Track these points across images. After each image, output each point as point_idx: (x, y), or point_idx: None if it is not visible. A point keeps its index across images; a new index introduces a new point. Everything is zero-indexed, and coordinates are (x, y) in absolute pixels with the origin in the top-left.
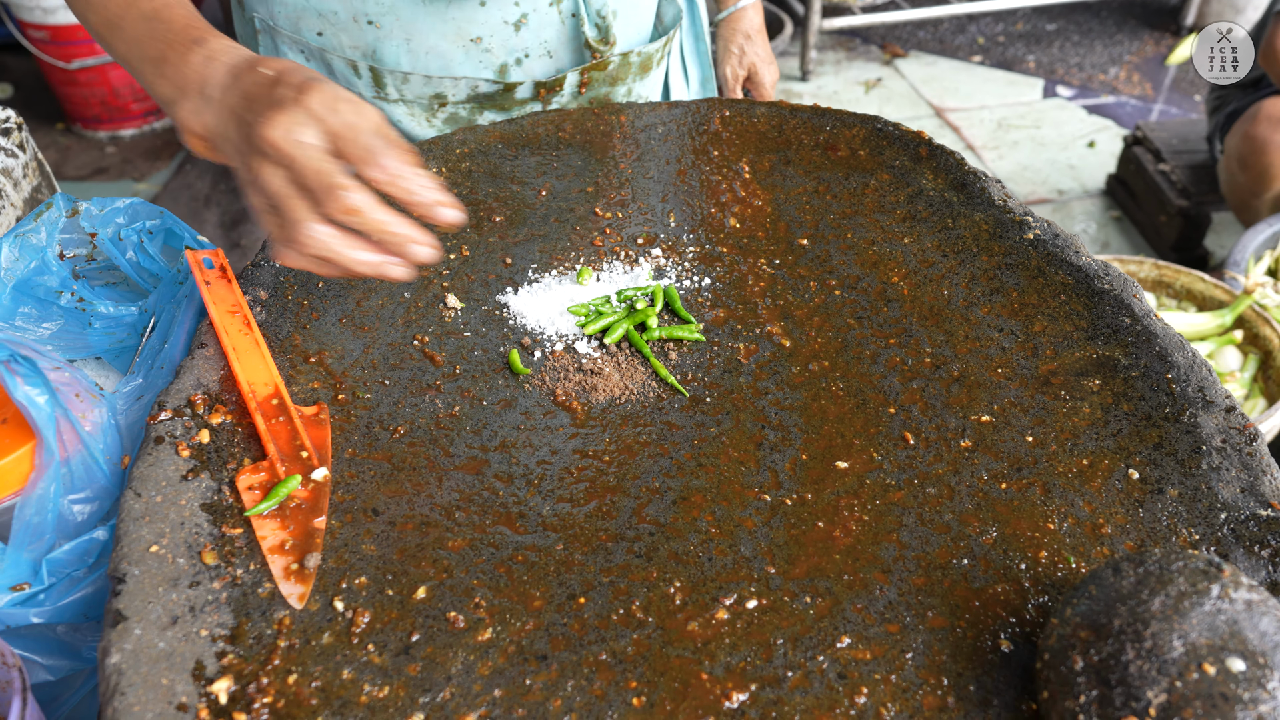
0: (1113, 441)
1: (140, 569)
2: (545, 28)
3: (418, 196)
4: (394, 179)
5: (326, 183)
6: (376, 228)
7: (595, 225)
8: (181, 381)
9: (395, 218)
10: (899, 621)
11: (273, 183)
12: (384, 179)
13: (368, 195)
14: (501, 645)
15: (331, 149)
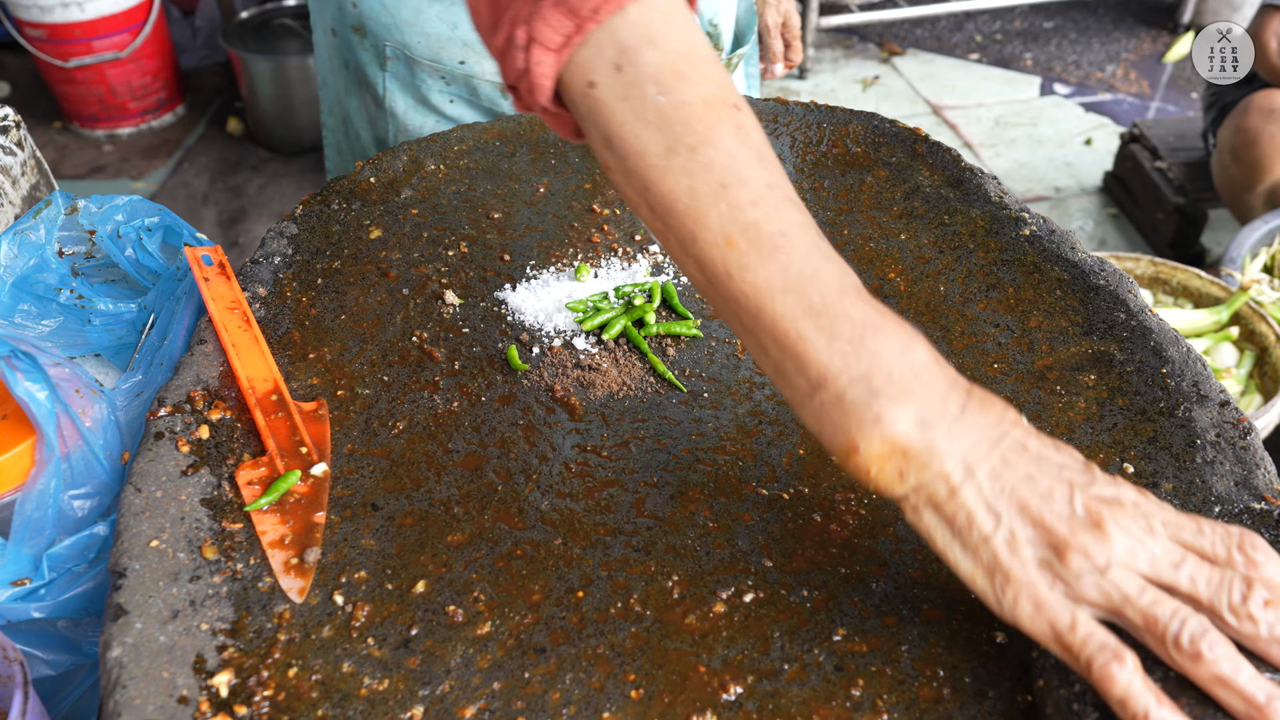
0: (1108, 436)
1: (141, 564)
2: None
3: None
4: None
5: (1183, 633)
6: (1243, 696)
7: (593, 222)
8: (181, 378)
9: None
10: (895, 614)
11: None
12: (1252, 634)
13: (1232, 651)
14: (500, 639)
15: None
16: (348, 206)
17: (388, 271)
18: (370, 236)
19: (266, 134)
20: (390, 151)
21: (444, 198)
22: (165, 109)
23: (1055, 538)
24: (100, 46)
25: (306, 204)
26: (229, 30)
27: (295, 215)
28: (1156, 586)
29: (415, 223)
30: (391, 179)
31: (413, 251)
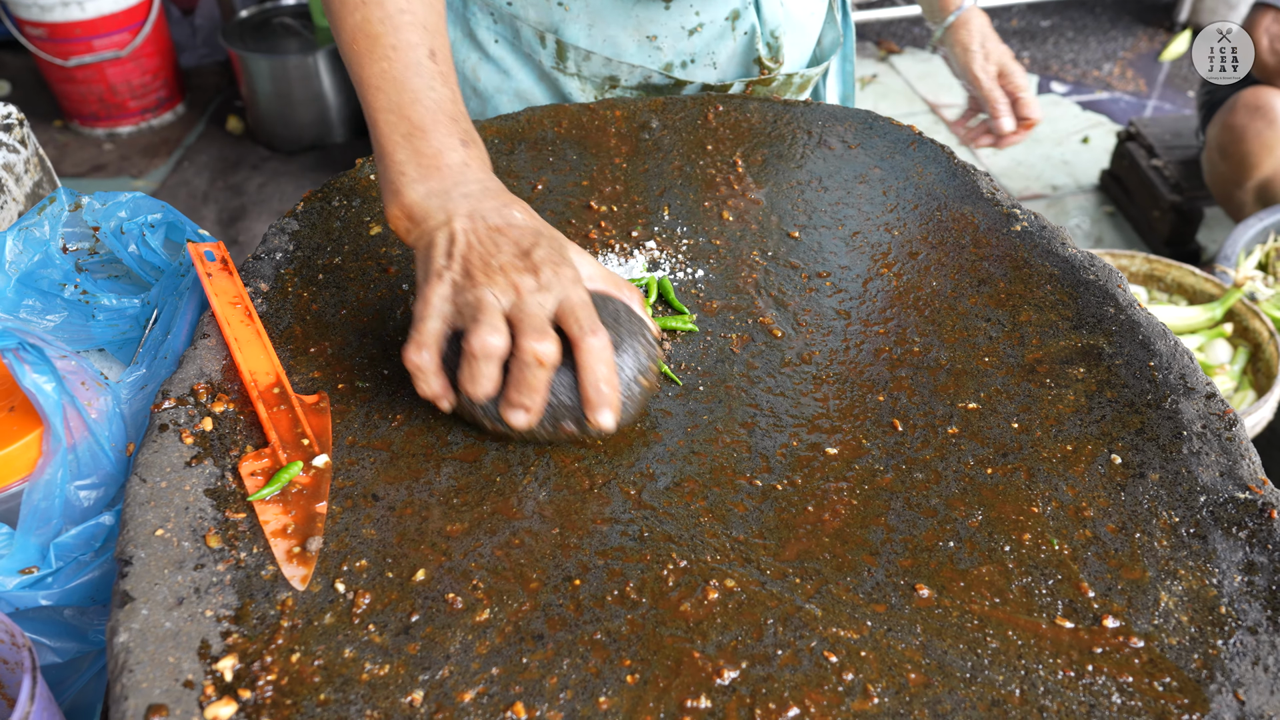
0: (1096, 427)
1: (146, 552)
2: (717, 39)
3: (593, 388)
4: (588, 354)
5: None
6: (524, 380)
7: (590, 219)
8: (185, 371)
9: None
10: (885, 602)
11: (442, 308)
12: (583, 348)
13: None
14: (499, 625)
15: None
16: (348, 203)
17: (388, 267)
18: (370, 233)
19: (266, 132)
20: None
21: None
22: (165, 108)
23: (470, 277)
24: (100, 45)
25: (308, 201)
26: (229, 29)
27: (296, 212)
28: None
29: None
30: None
31: None
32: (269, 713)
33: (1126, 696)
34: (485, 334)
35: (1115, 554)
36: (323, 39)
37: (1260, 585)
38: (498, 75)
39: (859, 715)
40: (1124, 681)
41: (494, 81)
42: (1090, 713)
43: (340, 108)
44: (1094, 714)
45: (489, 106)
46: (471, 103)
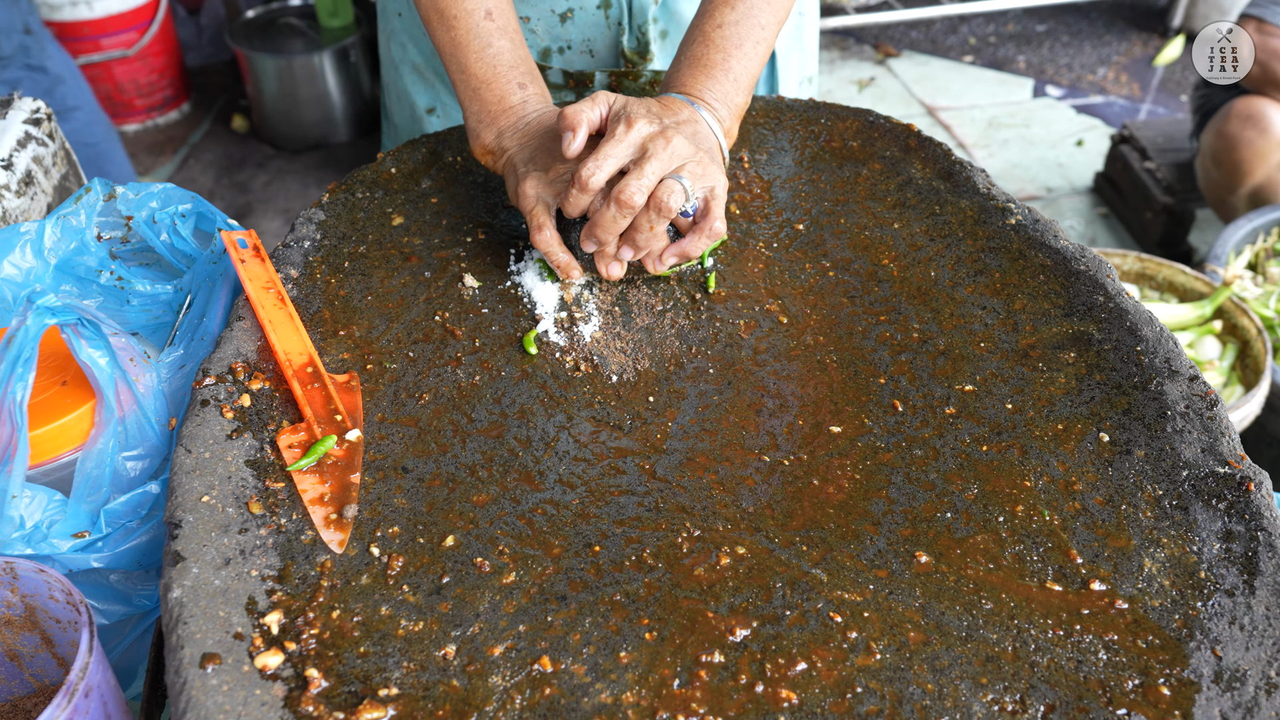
0: (1085, 408)
1: (194, 516)
2: (590, 27)
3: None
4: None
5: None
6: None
7: None
8: (222, 351)
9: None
10: (887, 568)
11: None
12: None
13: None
14: (524, 587)
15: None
16: (371, 195)
17: (410, 256)
18: (393, 223)
19: (271, 131)
20: (410, 144)
21: (461, 187)
22: (171, 106)
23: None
24: (108, 44)
25: (332, 192)
26: (235, 29)
27: (322, 203)
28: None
29: (435, 210)
30: (411, 169)
31: (433, 237)
32: (313, 663)
33: (1112, 653)
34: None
35: (1103, 524)
36: (328, 39)
37: (1237, 552)
38: (399, 47)
39: (863, 670)
40: (1109, 640)
41: (398, 53)
42: (1078, 668)
43: (344, 107)
44: (1082, 669)
45: (398, 75)
46: (390, 70)
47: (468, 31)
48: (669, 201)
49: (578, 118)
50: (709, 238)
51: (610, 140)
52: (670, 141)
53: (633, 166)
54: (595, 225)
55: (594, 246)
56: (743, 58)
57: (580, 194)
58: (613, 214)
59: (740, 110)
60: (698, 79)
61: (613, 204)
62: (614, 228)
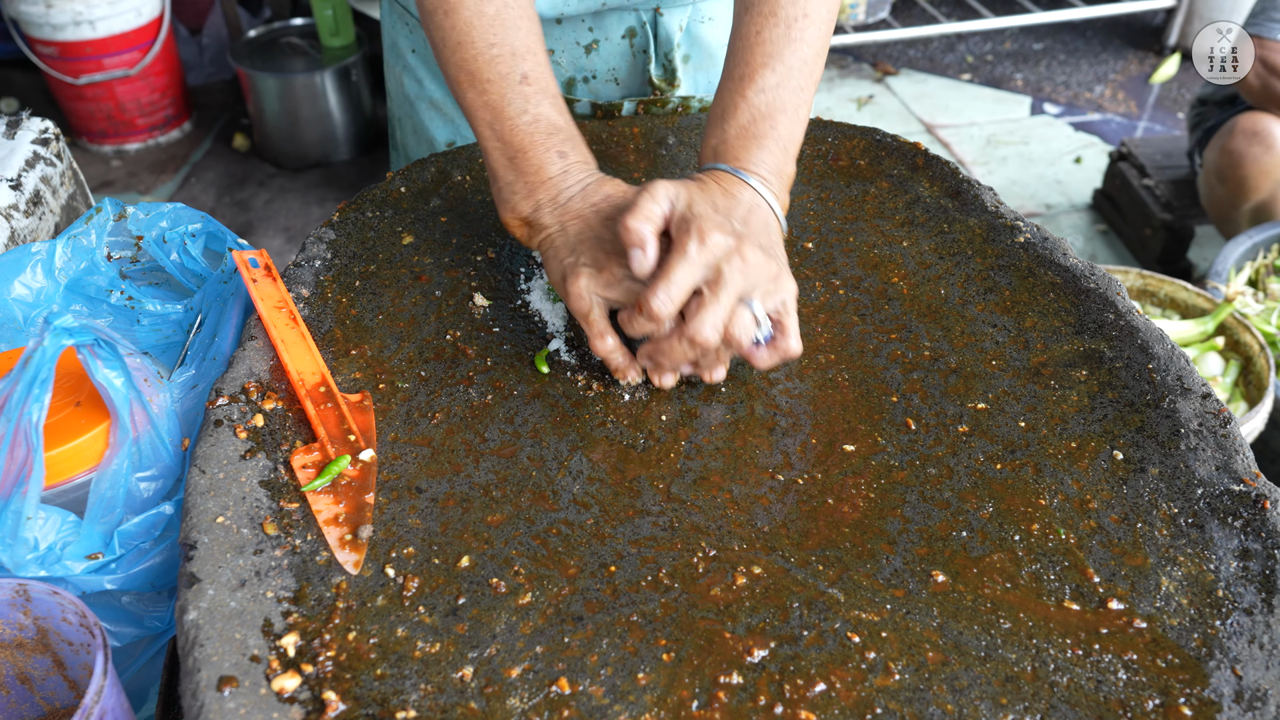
0: (1099, 426)
1: (209, 537)
2: (615, 57)
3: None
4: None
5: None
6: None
7: None
8: (235, 371)
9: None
10: (904, 587)
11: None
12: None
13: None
14: (541, 608)
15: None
16: (381, 214)
17: (420, 275)
18: (403, 242)
19: (272, 150)
20: (419, 163)
21: (470, 206)
22: (172, 125)
23: (599, 263)
24: (110, 64)
25: (342, 211)
26: (237, 48)
27: (333, 222)
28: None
29: (445, 229)
30: (421, 188)
31: (444, 256)
32: (330, 685)
33: (1132, 673)
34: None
35: (1119, 542)
36: (329, 58)
37: (1255, 570)
38: (414, 83)
39: (881, 691)
40: (1129, 659)
41: (413, 89)
42: (1098, 688)
43: (345, 126)
44: (1102, 689)
45: (414, 110)
46: (403, 105)
47: (501, 97)
48: (741, 338)
49: (642, 230)
50: (781, 358)
51: (682, 260)
52: (746, 260)
53: (706, 292)
54: (659, 352)
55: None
56: (789, 123)
57: (648, 322)
58: (683, 348)
59: (791, 181)
60: (750, 150)
61: (684, 340)
62: (681, 358)
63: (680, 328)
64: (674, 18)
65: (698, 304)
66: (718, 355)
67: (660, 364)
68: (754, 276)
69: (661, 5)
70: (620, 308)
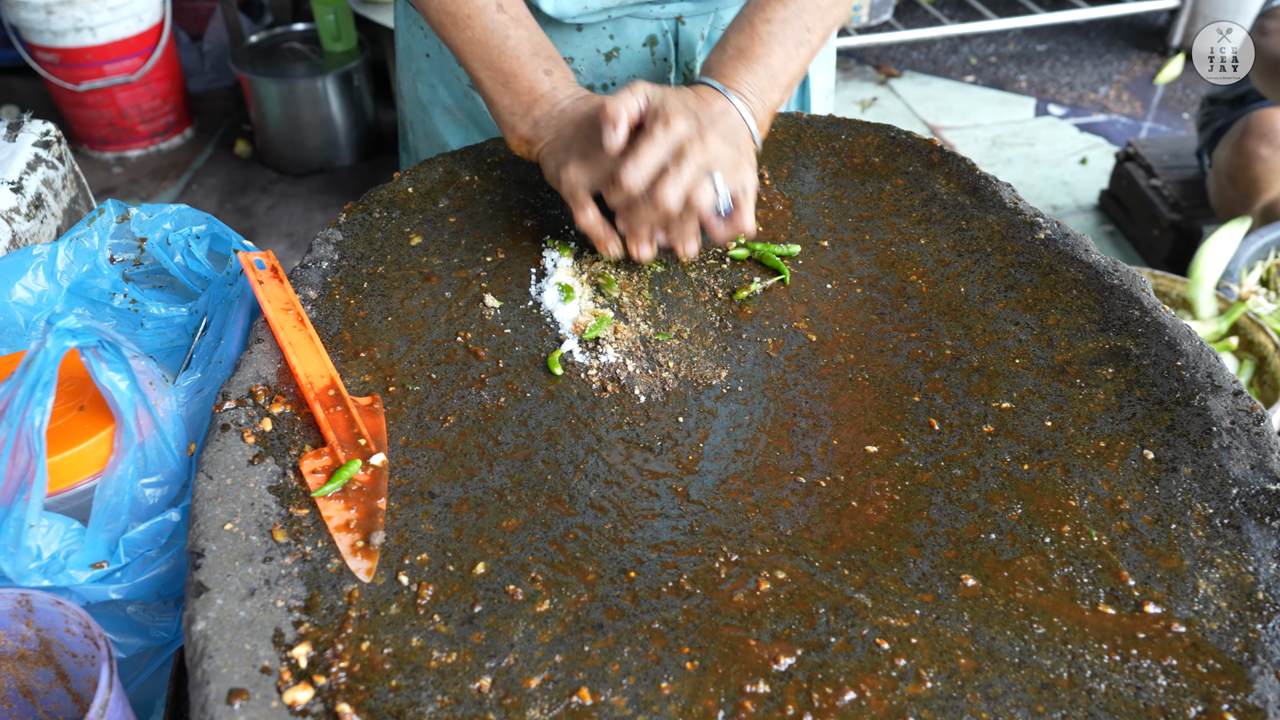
0: (1128, 425)
1: (217, 545)
2: (635, 65)
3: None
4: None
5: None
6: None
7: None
8: (242, 374)
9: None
10: (932, 591)
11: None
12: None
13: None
14: (559, 615)
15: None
16: (388, 215)
17: (430, 276)
18: (411, 243)
19: (274, 155)
20: (427, 163)
21: (479, 206)
22: (174, 131)
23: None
24: (111, 70)
25: (349, 213)
26: (238, 54)
27: (340, 223)
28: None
29: (453, 230)
30: (429, 189)
31: (453, 257)
32: (344, 698)
33: (1172, 678)
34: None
35: (1153, 544)
36: (331, 63)
37: None
38: (428, 88)
39: (913, 699)
40: (1168, 664)
41: (427, 94)
42: (1138, 694)
43: (348, 131)
44: (1141, 695)
45: (427, 115)
46: (416, 109)
47: (484, 28)
48: (702, 202)
49: (618, 111)
50: (734, 231)
51: (649, 141)
52: (706, 142)
53: (670, 165)
54: (632, 216)
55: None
56: (785, 56)
57: (621, 192)
58: (649, 212)
59: (775, 107)
60: (737, 70)
61: (649, 202)
62: (649, 221)
63: (649, 195)
64: (696, 26)
65: (663, 175)
66: (683, 222)
67: (635, 230)
68: (714, 156)
69: (683, 13)
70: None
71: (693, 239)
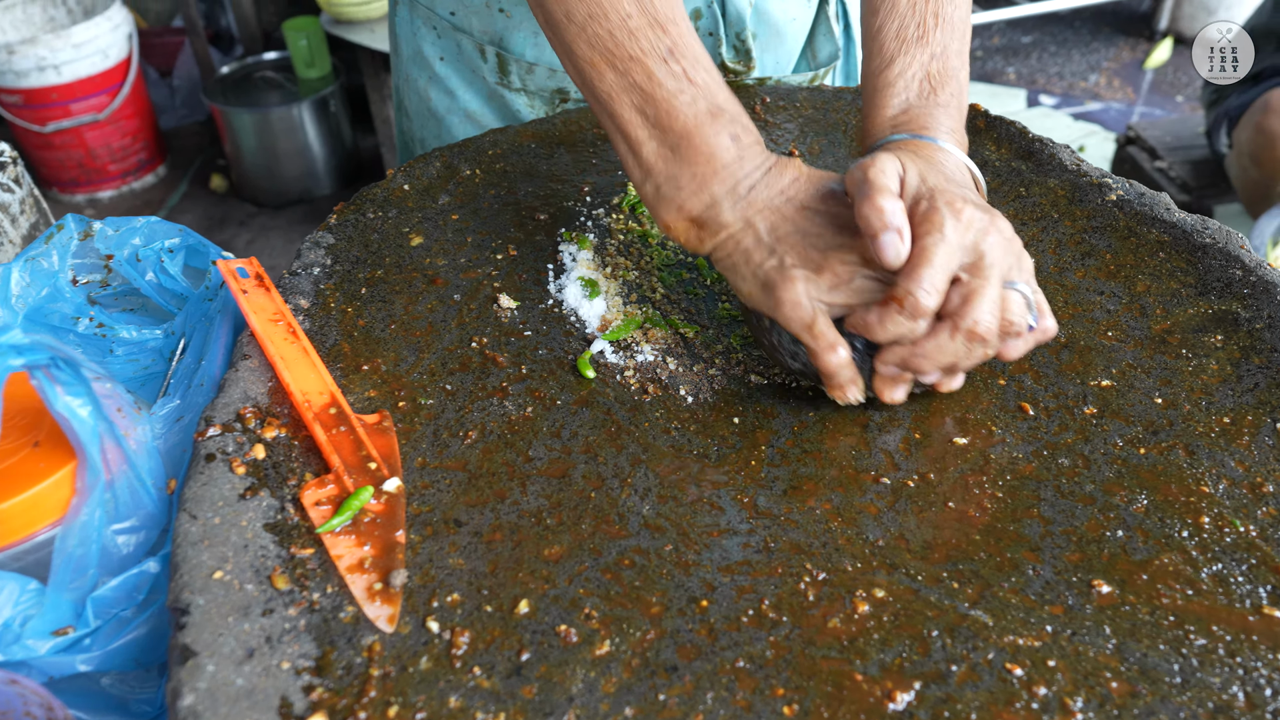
0: (1251, 396)
1: (205, 598)
2: None
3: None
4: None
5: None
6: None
7: (646, 219)
8: (227, 395)
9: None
10: (1061, 602)
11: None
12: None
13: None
14: (623, 658)
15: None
16: (384, 214)
17: (435, 278)
18: (412, 243)
19: (251, 188)
20: (422, 158)
21: (484, 202)
22: (146, 169)
23: (813, 262)
24: (78, 109)
25: (340, 214)
26: (210, 86)
27: (330, 225)
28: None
29: (457, 228)
30: (426, 185)
31: (459, 257)
32: None
33: None
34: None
35: None
36: (306, 90)
37: None
38: (445, 96)
39: None
40: None
41: (443, 102)
42: None
43: (326, 159)
44: None
45: (443, 128)
46: (429, 123)
47: (650, 77)
48: (1019, 322)
49: (894, 212)
50: (1037, 341)
51: (939, 243)
52: (1003, 234)
53: (970, 277)
54: (919, 356)
55: (896, 372)
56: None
57: (908, 321)
58: (956, 344)
59: (966, 148)
60: (936, 117)
61: (958, 335)
62: (950, 357)
63: (943, 325)
64: None
65: (964, 292)
66: (987, 353)
67: (919, 367)
68: (1015, 251)
69: None
70: (844, 313)
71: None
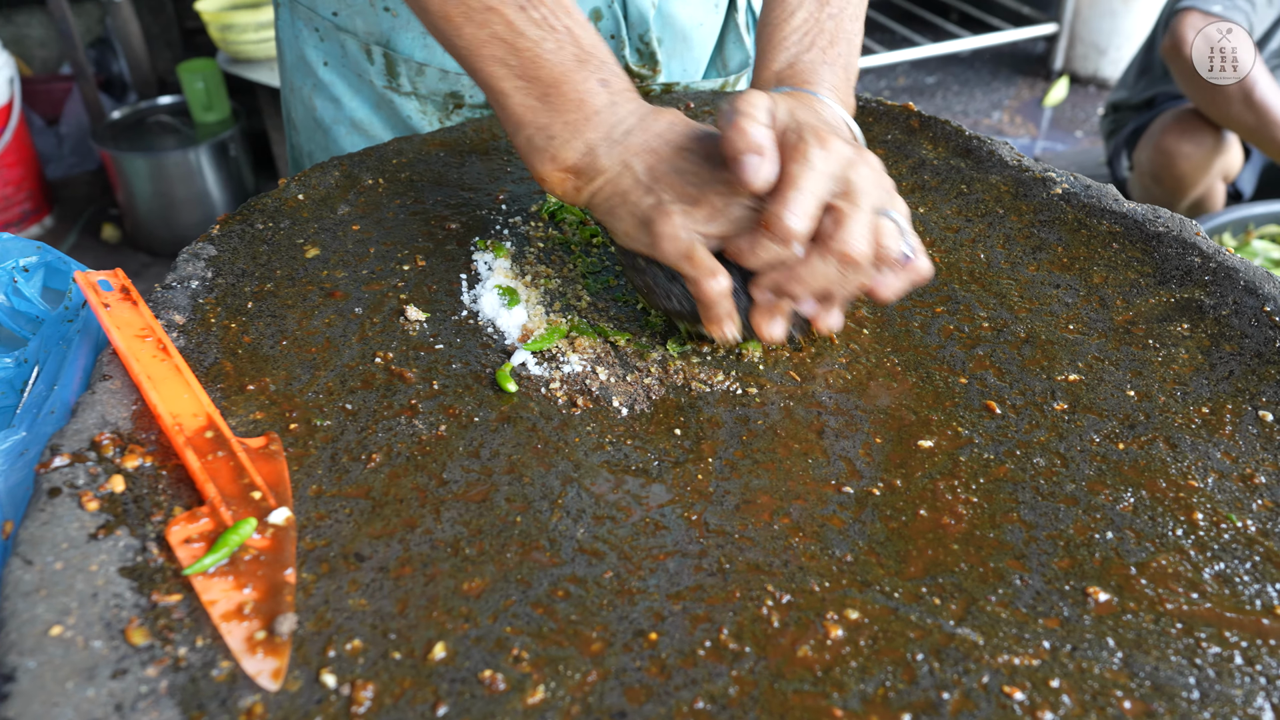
0: (1228, 384)
1: (38, 660)
2: None
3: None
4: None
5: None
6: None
7: (568, 227)
8: (81, 421)
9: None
10: (1056, 615)
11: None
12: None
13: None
14: (561, 706)
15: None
16: (275, 225)
17: (333, 291)
18: (307, 255)
19: (146, 237)
20: (319, 167)
21: (388, 212)
22: (31, 220)
23: (690, 196)
24: None
25: (224, 224)
26: (100, 131)
27: (212, 236)
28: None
29: (358, 239)
30: (324, 195)
31: (360, 269)
32: None
33: None
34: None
35: None
36: (203, 134)
37: None
38: (330, 104)
39: None
40: None
41: (329, 111)
42: None
43: (226, 204)
44: None
45: (329, 139)
46: (315, 135)
47: (510, 25)
48: (893, 247)
49: (758, 134)
50: (911, 281)
51: (805, 169)
52: (872, 167)
53: (841, 203)
54: (793, 280)
55: (771, 299)
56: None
57: (778, 244)
58: (827, 268)
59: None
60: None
61: (831, 257)
62: (820, 282)
63: (818, 248)
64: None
65: (836, 218)
66: (851, 281)
67: (792, 291)
68: (883, 184)
69: None
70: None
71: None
